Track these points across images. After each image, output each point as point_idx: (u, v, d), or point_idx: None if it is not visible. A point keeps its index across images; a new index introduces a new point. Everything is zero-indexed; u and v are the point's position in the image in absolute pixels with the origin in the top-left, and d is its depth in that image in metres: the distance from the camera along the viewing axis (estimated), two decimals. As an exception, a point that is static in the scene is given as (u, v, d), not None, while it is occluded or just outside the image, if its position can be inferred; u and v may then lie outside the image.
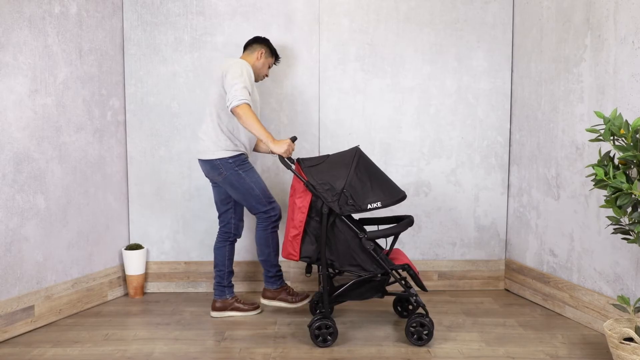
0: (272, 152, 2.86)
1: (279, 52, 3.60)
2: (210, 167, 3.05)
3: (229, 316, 3.22)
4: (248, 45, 3.20)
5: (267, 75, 3.27)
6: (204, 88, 3.63)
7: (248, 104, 2.85)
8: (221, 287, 3.23)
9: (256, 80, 3.20)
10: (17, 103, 2.90)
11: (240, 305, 3.24)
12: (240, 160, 3.04)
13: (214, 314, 3.22)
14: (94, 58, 3.37)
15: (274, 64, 3.31)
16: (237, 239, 3.29)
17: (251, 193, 3.04)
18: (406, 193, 2.79)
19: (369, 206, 2.67)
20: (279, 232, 3.17)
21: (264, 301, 3.21)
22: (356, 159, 2.74)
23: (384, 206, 2.67)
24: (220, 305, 3.22)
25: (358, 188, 2.68)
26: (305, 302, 3.17)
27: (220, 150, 3.00)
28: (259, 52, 3.16)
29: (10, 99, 2.86)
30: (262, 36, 3.30)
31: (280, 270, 3.20)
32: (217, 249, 3.22)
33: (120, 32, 3.58)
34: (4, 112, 2.83)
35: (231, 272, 3.24)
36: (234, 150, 3.02)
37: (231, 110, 2.87)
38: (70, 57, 3.20)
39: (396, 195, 2.73)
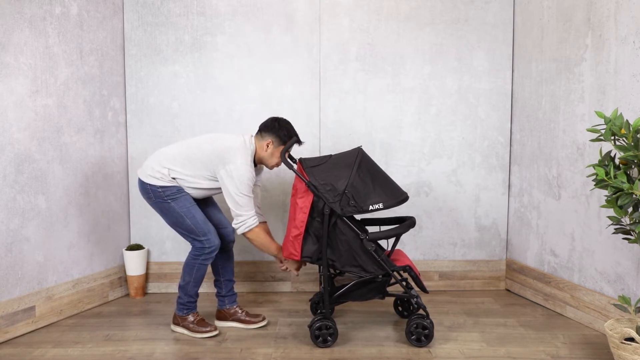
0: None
1: (279, 52, 3.59)
2: (141, 187, 2.88)
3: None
4: (260, 129, 2.89)
5: (278, 165, 2.94)
6: (204, 88, 3.63)
7: (256, 227, 2.81)
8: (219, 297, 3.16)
9: (269, 167, 2.94)
10: (18, 104, 2.90)
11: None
12: (173, 190, 2.83)
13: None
14: (95, 58, 3.37)
15: (297, 144, 2.91)
16: (229, 245, 3.12)
17: (180, 222, 2.85)
18: (407, 193, 2.78)
19: (371, 207, 2.66)
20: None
21: (171, 326, 3.05)
22: (358, 159, 2.73)
23: (385, 207, 2.67)
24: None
25: (360, 189, 2.68)
26: (209, 335, 2.94)
27: (154, 179, 2.83)
28: (266, 142, 2.85)
29: (11, 100, 2.86)
30: (278, 120, 2.88)
31: (193, 302, 2.99)
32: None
33: (121, 33, 3.59)
34: (5, 113, 2.84)
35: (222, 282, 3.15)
36: (169, 182, 2.83)
37: (242, 234, 2.82)
38: (71, 58, 3.20)
39: (398, 196, 2.72)
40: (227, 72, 3.63)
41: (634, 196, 2.19)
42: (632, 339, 2.27)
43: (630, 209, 2.27)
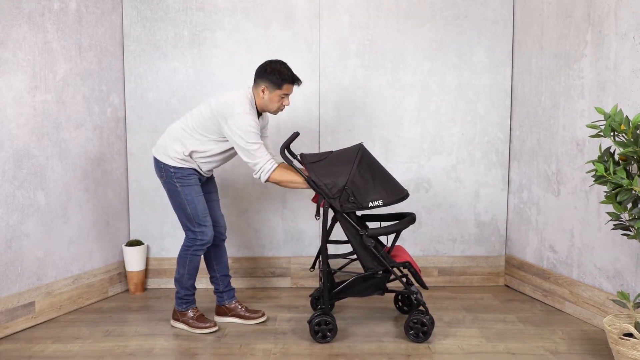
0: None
1: (279, 48, 3.57)
2: (156, 165, 2.92)
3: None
4: (254, 77, 2.87)
5: (281, 110, 2.93)
6: (203, 84, 3.63)
7: (276, 168, 2.75)
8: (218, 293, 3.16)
9: (272, 112, 2.91)
10: (17, 100, 2.90)
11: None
12: (184, 173, 2.86)
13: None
14: (94, 54, 3.37)
15: (293, 86, 2.87)
16: (222, 241, 3.13)
17: (182, 209, 2.88)
18: (408, 191, 2.77)
19: (371, 204, 2.66)
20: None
21: (171, 321, 3.06)
22: (359, 156, 2.72)
23: (385, 205, 2.67)
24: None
25: (360, 185, 2.67)
26: (209, 330, 2.95)
27: (168, 157, 2.86)
28: (261, 89, 2.82)
29: (9, 96, 2.86)
30: (269, 64, 2.84)
31: (191, 295, 3.01)
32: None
33: (120, 28, 3.58)
34: (4, 109, 2.83)
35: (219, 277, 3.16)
36: (182, 163, 2.86)
37: (265, 181, 2.77)
38: (70, 54, 3.20)
39: (399, 193, 2.72)
40: (226, 68, 3.62)
41: (633, 192, 2.19)
42: (630, 335, 2.28)
43: (629, 205, 2.28)
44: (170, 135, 2.90)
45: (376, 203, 2.65)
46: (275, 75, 2.79)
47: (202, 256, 3.05)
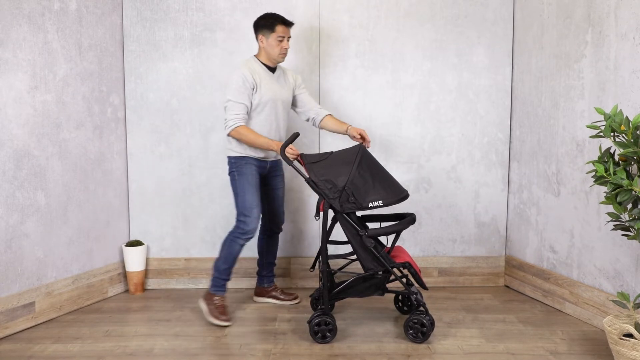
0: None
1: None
2: (227, 162, 3.16)
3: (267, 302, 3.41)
4: (254, 34, 3.12)
5: (285, 52, 3.06)
6: (204, 84, 3.63)
7: (238, 126, 2.95)
8: (259, 276, 3.42)
9: (277, 59, 3.08)
10: (17, 100, 2.90)
11: (277, 295, 3.41)
12: (240, 163, 3.06)
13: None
14: (94, 54, 3.37)
15: (287, 29, 3.06)
16: (276, 233, 3.38)
17: (236, 195, 3.07)
18: (407, 191, 2.77)
19: (370, 204, 2.66)
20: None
21: (199, 299, 3.17)
22: (359, 156, 2.72)
23: (385, 205, 2.67)
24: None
25: (360, 186, 2.67)
26: (220, 323, 3.02)
27: (229, 150, 3.09)
28: (259, 40, 3.07)
29: (9, 96, 2.86)
30: (258, 18, 3.09)
31: (221, 280, 3.08)
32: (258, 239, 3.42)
33: (120, 29, 3.58)
34: (4, 109, 2.83)
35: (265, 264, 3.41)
36: (238, 152, 3.06)
37: (228, 136, 3.02)
38: (70, 54, 3.20)
39: (398, 194, 2.72)
40: (226, 68, 3.62)
41: (633, 192, 2.19)
42: (630, 335, 2.28)
43: (629, 206, 2.28)
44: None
45: (376, 203, 2.65)
46: (266, 20, 3.04)
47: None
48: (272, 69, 3.12)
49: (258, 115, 3.05)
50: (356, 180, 2.67)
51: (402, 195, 2.72)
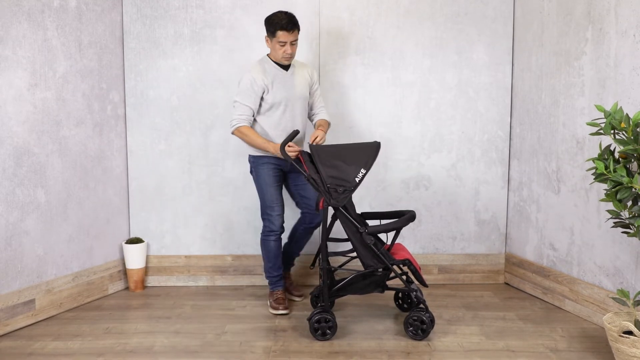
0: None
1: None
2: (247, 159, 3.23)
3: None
4: None
5: (288, 56, 3.02)
6: (203, 82, 3.63)
7: (241, 126, 3.01)
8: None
9: (282, 60, 3.05)
10: (17, 97, 2.89)
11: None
12: (259, 162, 3.12)
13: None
14: (94, 52, 3.36)
15: (290, 34, 2.97)
16: (312, 227, 3.34)
17: (258, 193, 3.18)
18: (378, 141, 2.81)
19: (357, 179, 2.69)
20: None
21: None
22: (315, 156, 2.74)
23: (368, 169, 2.70)
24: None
25: (337, 174, 2.69)
26: (277, 312, 3.16)
27: (248, 149, 3.15)
28: (265, 41, 3.10)
29: (9, 93, 2.86)
30: (266, 16, 3.07)
31: (272, 277, 3.25)
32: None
33: (120, 26, 3.57)
34: (4, 106, 2.83)
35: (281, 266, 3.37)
36: (255, 151, 3.12)
37: (232, 133, 3.09)
38: (70, 51, 3.19)
39: (370, 150, 2.74)
40: (226, 65, 3.62)
41: (633, 190, 2.19)
42: (630, 332, 2.28)
43: (629, 203, 2.28)
44: None
45: (360, 175, 2.69)
46: (269, 24, 3.01)
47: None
48: (286, 67, 3.11)
49: (273, 114, 3.08)
50: (330, 173, 2.69)
51: (374, 147, 2.75)
